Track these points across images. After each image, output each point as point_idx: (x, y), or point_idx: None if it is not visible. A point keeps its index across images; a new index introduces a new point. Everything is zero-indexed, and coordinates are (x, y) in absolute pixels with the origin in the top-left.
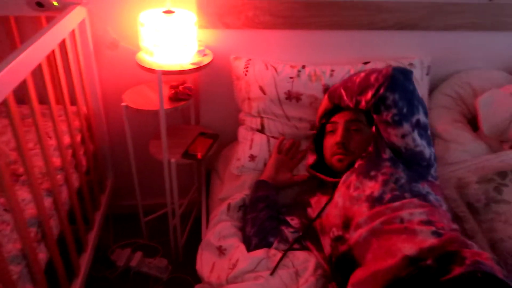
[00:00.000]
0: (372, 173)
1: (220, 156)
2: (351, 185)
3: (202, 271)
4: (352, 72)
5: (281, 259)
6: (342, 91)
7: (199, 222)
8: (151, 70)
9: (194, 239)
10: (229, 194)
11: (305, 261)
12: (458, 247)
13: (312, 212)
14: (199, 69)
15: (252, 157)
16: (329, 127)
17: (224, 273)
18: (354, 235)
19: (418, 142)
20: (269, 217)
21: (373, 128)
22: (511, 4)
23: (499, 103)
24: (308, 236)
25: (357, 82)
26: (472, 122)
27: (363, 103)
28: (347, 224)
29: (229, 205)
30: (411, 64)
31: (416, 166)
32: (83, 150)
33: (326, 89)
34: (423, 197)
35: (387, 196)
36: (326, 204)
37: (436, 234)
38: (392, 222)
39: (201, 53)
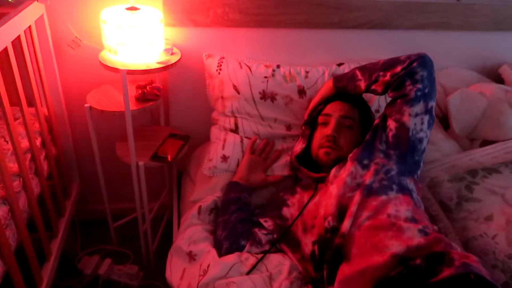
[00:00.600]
0: (365, 161)
1: (192, 157)
2: (347, 172)
3: (171, 279)
4: (327, 73)
5: (256, 264)
6: (357, 71)
7: (171, 226)
8: (115, 70)
9: (166, 243)
10: (200, 196)
11: (279, 264)
12: (445, 248)
13: (288, 211)
14: (166, 68)
15: (225, 158)
16: (321, 119)
17: (195, 280)
18: (344, 225)
19: (425, 127)
20: (241, 219)
21: (376, 121)
22: (478, 4)
23: (468, 102)
24: (284, 238)
25: (381, 62)
26: (444, 121)
27: (387, 77)
28: (342, 213)
29: (199, 208)
30: None
31: (409, 157)
32: (44, 154)
33: (301, 90)
34: (409, 193)
35: (376, 185)
36: (309, 200)
37: (422, 232)
38: (379, 216)
39: (168, 51)
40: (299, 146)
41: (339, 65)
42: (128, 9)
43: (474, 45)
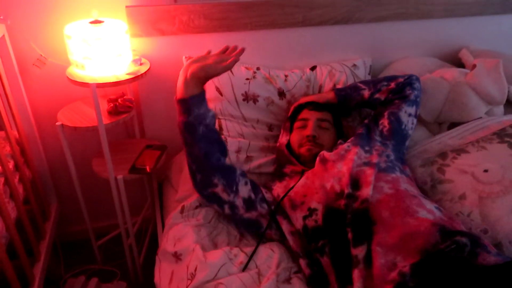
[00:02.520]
0: (366, 148)
1: (172, 163)
2: (353, 153)
3: (160, 284)
4: (304, 77)
5: (248, 261)
6: (359, 84)
7: (156, 239)
8: (84, 84)
9: (153, 256)
10: (185, 195)
11: (268, 258)
12: (462, 229)
13: (275, 192)
14: (136, 78)
15: None
16: (298, 124)
17: (183, 284)
18: (365, 192)
19: (412, 128)
20: (205, 153)
21: (366, 120)
22: None
23: (432, 88)
24: (279, 210)
25: (382, 77)
26: None
27: (391, 86)
28: (355, 184)
29: (183, 207)
30: (354, 65)
31: (401, 147)
32: (17, 177)
33: (281, 92)
34: (408, 176)
35: (383, 165)
36: (297, 182)
37: (438, 209)
38: (398, 188)
39: (137, 62)
40: (284, 138)
41: (312, 69)
42: (92, 22)
43: (432, 32)
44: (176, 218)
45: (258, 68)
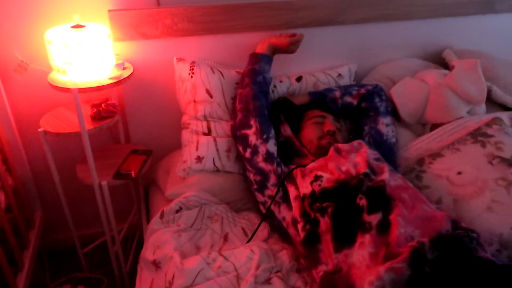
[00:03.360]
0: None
1: (159, 167)
2: (365, 150)
3: None
4: (291, 88)
5: (257, 228)
6: (333, 87)
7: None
8: (65, 90)
9: None
10: (177, 191)
11: (247, 260)
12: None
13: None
14: (118, 83)
15: (199, 159)
16: (315, 120)
17: None
18: (381, 177)
19: (395, 134)
20: (254, 95)
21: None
22: None
23: (411, 91)
24: (289, 177)
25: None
26: (395, 112)
27: (362, 91)
28: (372, 171)
29: (162, 212)
30: (339, 75)
31: (391, 157)
32: None
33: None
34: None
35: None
36: (311, 162)
37: (435, 207)
38: (409, 185)
39: (120, 66)
40: (288, 131)
41: (298, 80)
42: (73, 27)
43: (415, 33)
44: (156, 224)
45: None
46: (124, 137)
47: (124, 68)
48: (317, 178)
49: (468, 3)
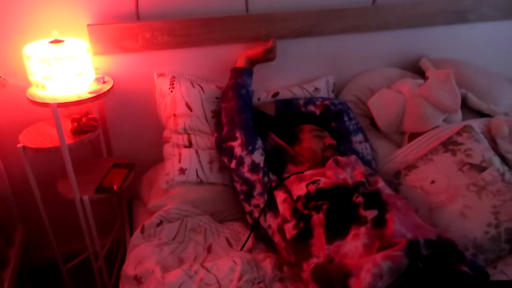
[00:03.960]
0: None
1: (142, 181)
2: (360, 163)
3: None
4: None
5: (248, 236)
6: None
7: None
8: (44, 105)
9: None
10: (160, 203)
11: (230, 272)
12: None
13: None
14: (98, 97)
15: (182, 170)
16: (314, 133)
17: None
18: (377, 186)
19: (369, 151)
20: (239, 108)
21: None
22: (390, 6)
23: (388, 102)
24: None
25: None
26: (374, 122)
27: (326, 102)
28: (368, 182)
29: (143, 227)
30: (316, 89)
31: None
32: None
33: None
34: None
35: None
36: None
37: None
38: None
39: (100, 80)
40: (277, 140)
41: (274, 96)
42: (52, 42)
43: (392, 43)
44: (136, 239)
45: None
46: (106, 151)
47: (104, 82)
48: (315, 181)
49: (441, 13)
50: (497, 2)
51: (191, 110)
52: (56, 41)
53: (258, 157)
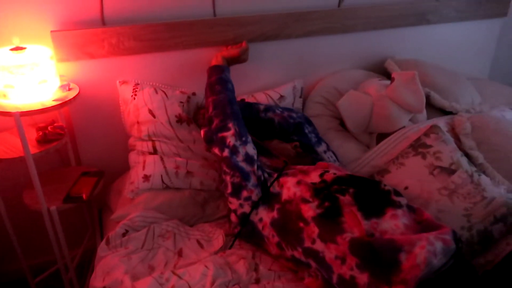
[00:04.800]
0: None
1: (111, 190)
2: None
3: None
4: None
5: (236, 236)
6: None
7: None
8: (6, 114)
9: None
10: (123, 213)
11: (202, 278)
12: None
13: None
14: (63, 104)
15: (146, 177)
16: (279, 141)
17: None
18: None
19: (334, 158)
20: (229, 100)
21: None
22: (355, 8)
23: (356, 104)
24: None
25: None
26: (343, 123)
27: (285, 114)
28: None
29: (108, 238)
30: (281, 97)
31: None
32: None
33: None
34: None
35: None
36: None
37: None
38: None
39: (65, 88)
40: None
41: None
42: (12, 49)
43: (358, 45)
44: (102, 251)
45: (194, 94)
46: (75, 159)
47: (69, 89)
48: (328, 170)
49: (404, 16)
50: (456, 4)
51: (154, 117)
52: (18, 48)
53: (251, 149)
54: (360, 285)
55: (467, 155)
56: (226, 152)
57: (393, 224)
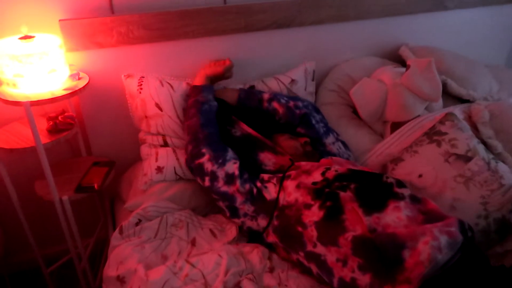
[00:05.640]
0: None
1: (122, 180)
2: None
3: None
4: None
5: None
6: (263, 91)
7: None
8: (16, 103)
9: None
10: (137, 202)
11: (215, 266)
12: None
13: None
14: (73, 94)
15: (160, 169)
16: (289, 135)
17: None
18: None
19: (343, 148)
20: (202, 124)
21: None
22: None
23: (370, 91)
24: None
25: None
26: (356, 112)
27: (290, 103)
28: None
29: (121, 227)
30: (292, 81)
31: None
32: None
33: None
34: None
35: None
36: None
37: None
38: None
39: (75, 77)
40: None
41: (250, 87)
42: (21, 38)
43: (372, 32)
44: (115, 240)
45: None
46: (85, 149)
47: (79, 79)
48: (330, 168)
49: (420, 1)
50: None
51: (161, 110)
52: (26, 37)
53: (231, 166)
54: (361, 287)
55: (485, 144)
56: (207, 181)
57: (396, 216)
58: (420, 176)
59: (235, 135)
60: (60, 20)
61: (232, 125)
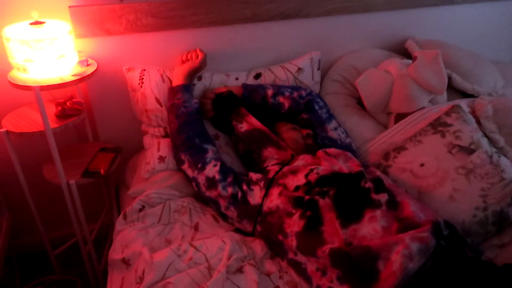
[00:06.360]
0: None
1: (127, 167)
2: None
3: None
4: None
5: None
6: (266, 85)
7: None
8: (26, 88)
9: None
10: (140, 189)
11: (219, 251)
12: None
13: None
14: (82, 79)
15: (162, 158)
16: (292, 125)
17: None
18: (377, 174)
19: (345, 134)
20: (178, 129)
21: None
22: None
23: (375, 81)
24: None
25: (287, 85)
26: (361, 103)
27: (295, 95)
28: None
29: (125, 213)
30: (299, 69)
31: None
32: None
33: None
34: None
35: None
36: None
37: None
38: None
39: (83, 63)
40: (256, 122)
41: (257, 77)
42: (32, 24)
43: (378, 25)
44: (120, 225)
45: (199, 79)
46: (92, 135)
47: (88, 65)
48: (313, 169)
49: None
50: None
51: (161, 106)
52: (37, 23)
53: (211, 170)
54: None
55: (487, 138)
56: (194, 186)
57: (371, 228)
58: (422, 165)
59: (240, 131)
60: (69, 7)
61: (239, 121)
